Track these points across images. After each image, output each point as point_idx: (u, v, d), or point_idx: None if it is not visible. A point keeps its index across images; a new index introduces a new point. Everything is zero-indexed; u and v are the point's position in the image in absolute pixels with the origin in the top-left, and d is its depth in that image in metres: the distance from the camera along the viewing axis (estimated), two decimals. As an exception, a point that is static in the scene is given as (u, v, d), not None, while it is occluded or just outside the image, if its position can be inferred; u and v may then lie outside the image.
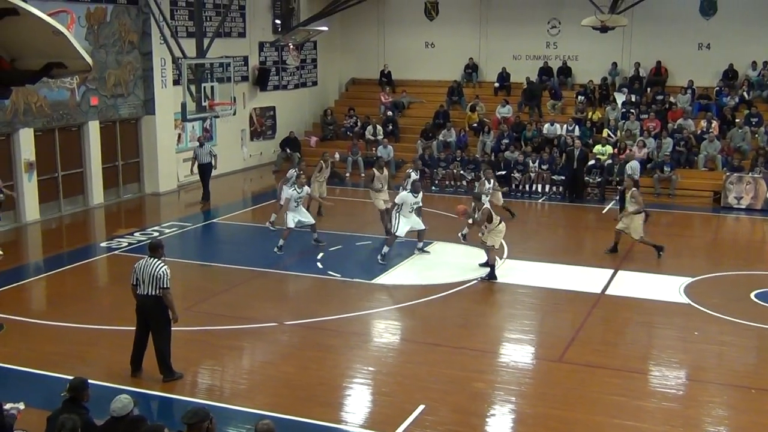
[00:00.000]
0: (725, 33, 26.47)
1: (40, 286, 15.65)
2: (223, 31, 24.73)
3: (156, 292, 10.47)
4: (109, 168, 22.08)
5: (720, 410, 10.40)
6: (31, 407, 8.56)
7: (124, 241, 18.02)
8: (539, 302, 14.42)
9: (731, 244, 19.89)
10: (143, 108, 22.89)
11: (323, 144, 28.00)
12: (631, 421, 9.88)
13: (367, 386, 10.99)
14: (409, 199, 16.46)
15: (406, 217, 16.46)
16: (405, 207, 16.42)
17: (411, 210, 16.58)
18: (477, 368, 11.49)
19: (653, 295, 14.54)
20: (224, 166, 25.60)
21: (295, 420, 9.71)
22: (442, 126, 27.08)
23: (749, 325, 13.10)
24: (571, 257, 17.17)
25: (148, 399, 10.33)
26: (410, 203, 16.48)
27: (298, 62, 28.78)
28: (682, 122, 24.93)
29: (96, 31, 21.09)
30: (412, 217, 16.61)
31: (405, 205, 16.42)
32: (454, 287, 14.91)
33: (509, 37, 29.04)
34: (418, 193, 16.72)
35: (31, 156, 19.54)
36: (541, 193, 23.69)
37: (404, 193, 16.71)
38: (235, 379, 11.26)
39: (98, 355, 11.77)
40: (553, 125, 25.78)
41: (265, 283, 15.36)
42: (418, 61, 30.32)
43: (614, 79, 27.96)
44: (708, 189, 22.93)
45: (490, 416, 10.13)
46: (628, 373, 11.38)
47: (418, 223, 16.76)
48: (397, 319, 13.75)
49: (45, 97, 19.76)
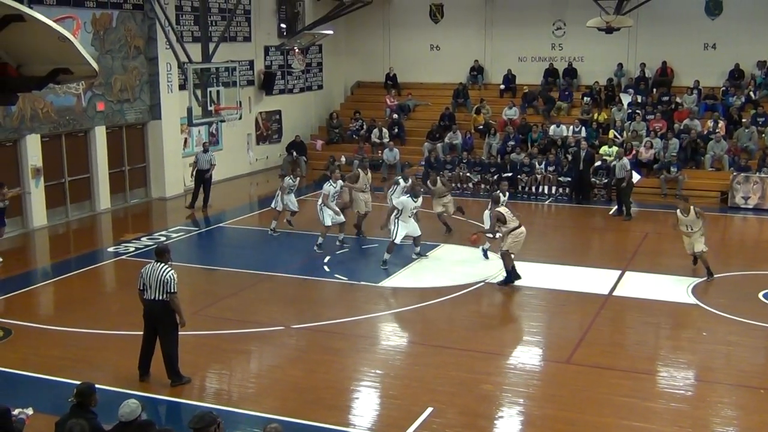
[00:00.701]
0: (731, 33, 26.40)
1: (48, 291, 15.68)
2: (229, 36, 24.76)
3: (163, 297, 10.48)
4: (115, 173, 22.13)
5: (729, 411, 10.37)
6: (39, 412, 8.56)
7: (132, 246, 18.05)
8: (546, 304, 14.40)
9: (739, 244, 19.85)
10: (149, 113, 22.94)
11: (329, 147, 28.05)
12: (639, 422, 9.85)
13: (375, 389, 10.99)
14: (409, 204, 16.32)
15: (405, 222, 16.31)
16: (405, 212, 16.30)
17: (411, 215, 16.47)
18: (485, 370, 11.47)
19: (661, 296, 14.50)
20: (230, 170, 25.71)
21: (302, 423, 9.70)
22: (447, 128, 27.08)
23: (757, 325, 13.05)
24: (578, 258, 17.15)
25: (156, 403, 10.34)
26: (410, 208, 16.36)
27: (304, 66, 28.82)
28: (688, 122, 24.88)
29: (102, 36, 21.16)
30: (410, 223, 16.48)
31: (405, 210, 16.29)
32: (460, 290, 14.90)
33: (514, 39, 29.04)
34: (418, 198, 16.56)
35: (38, 162, 19.59)
36: (547, 194, 23.66)
37: (404, 197, 16.53)
38: (242, 383, 11.26)
39: (106, 360, 11.78)
40: (559, 127, 25.76)
41: (271, 287, 15.36)
42: (423, 63, 30.34)
43: (620, 80, 27.93)
44: (715, 189, 22.88)
45: (498, 418, 10.11)
46: (637, 374, 11.35)
47: (415, 229, 16.62)
48: (404, 321, 13.74)
49: (51, 102, 19.82)
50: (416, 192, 16.61)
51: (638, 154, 23.70)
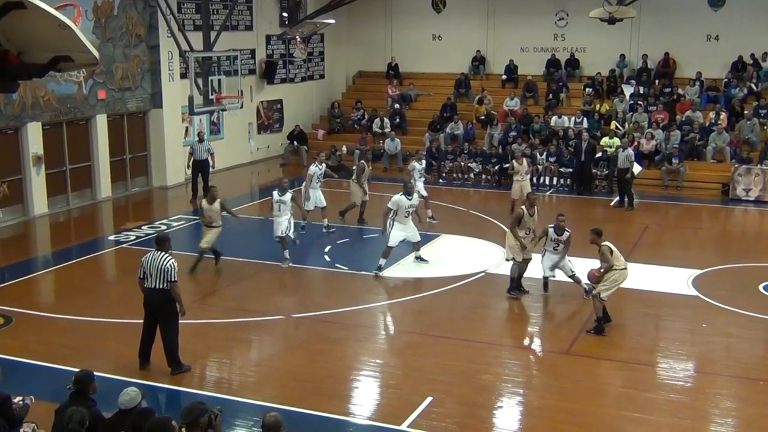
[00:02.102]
0: (734, 24, 26.30)
1: (49, 279, 15.70)
2: (230, 24, 24.71)
3: (163, 286, 10.50)
4: (116, 161, 22.13)
5: (728, 402, 10.39)
6: (40, 400, 8.59)
7: (132, 235, 18.07)
8: (546, 294, 14.40)
9: (739, 236, 19.84)
10: (151, 101, 22.91)
11: (330, 137, 28.02)
12: (638, 413, 9.87)
13: (375, 378, 11.01)
14: (403, 203, 15.14)
15: (403, 224, 15.20)
16: (400, 212, 15.16)
17: (407, 215, 15.28)
18: (484, 360, 11.50)
19: (661, 287, 14.52)
20: (232, 159, 25.67)
21: (302, 412, 9.73)
22: (449, 119, 27.04)
23: (757, 317, 13.07)
24: (579, 250, 17.08)
25: (156, 392, 10.37)
26: (405, 207, 15.16)
27: (305, 55, 28.74)
28: (690, 114, 24.84)
29: (103, 24, 21.11)
30: (408, 225, 15.33)
31: (400, 210, 15.14)
32: (460, 280, 14.91)
33: (517, 30, 28.95)
34: (412, 195, 15.35)
35: (39, 150, 19.59)
36: (548, 185, 23.65)
37: (397, 196, 15.25)
38: (242, 372, 11.29)
39: (106, 348, 11.81)
40: (560, 118, 25.72)
41: (272, 276, 15.37)
42: (425, 53, 30.25)
43: (622, 71, 27.84)
44: (716, 181, 22.87)
45: (498, 408, 10.13)
46: (636, 365, 11.37)
47: (414, 234, 15.49)
48: (404, 311, 13.75)
49: (52, 90, 19.79)
50: (409, 190, 15.40)
51: (639, 146, 23.66)
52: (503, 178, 23.23)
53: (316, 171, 18.02)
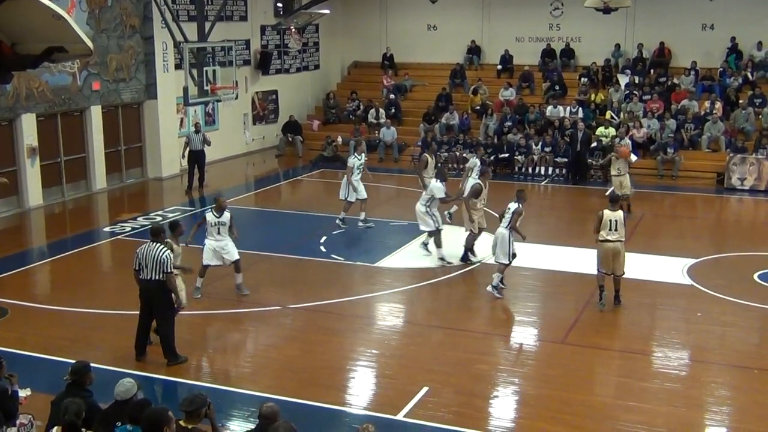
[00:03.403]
0: (729, 13, 26.30)
1: (44, 271, 15.69)
2: (225, 15, 24.65)
3: (159, 277, 10.50)
4: (111, 153, 22.08)
5: (723, 390, 10.43)
6: (37, 391, 8.60)
7: (128, 226, 18.05)
8: (542, 284, 14.44)
9: (734, 225, 19.89)
10: (145, 92, 22.85)
11: (326, 128, 27.98)
12: (634, 402, 9.91)
13: (371, 369, 11.03)
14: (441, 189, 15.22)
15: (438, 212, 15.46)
16: (435, 201, 15.35)
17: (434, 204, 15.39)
18: (480, 350, 11.53)
19: (656, 277, 14.56)
20: (227, 150, 25.62)
21: (299, 402, 9.75)
22: (444, 109, 27.01)
23: (752, 306, 13.12)
24: (574, 239, 17.16)
25: (153, 383, 10.39)
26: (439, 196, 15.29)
27: (300, 46, 28.66)
28: (686, 103, 24.85)
29: (97, 15, 21.03)
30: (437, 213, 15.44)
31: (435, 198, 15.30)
32: (457, 270, 14.93)
33: (512, 20, 28.92)
34: (446, 182, 15.42)
35: (34, 141, 19.53)
36: (544, 175, 23.66)
37: (436, 183, 15.34)
38: (239, 363, 11.31)
39: (103, 339, 11.81)
40: (556, 107, 25.72)
41: (268, 267, 15.36)
42: (420, 43, 30.22)
43: (617, 60, 27.85)
44: (711, 170, 22.88)
45: (494, 398, 10.17)
46: (631, 354, 11.41)
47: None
48: (401, 302, 13.77)
49: (47, 82, 19.73)
50: (444, 176, 15.57)
51: (632, 135, 23.66)
52: (497, 168, 23.21)
53: (356, 162, 17.59)
